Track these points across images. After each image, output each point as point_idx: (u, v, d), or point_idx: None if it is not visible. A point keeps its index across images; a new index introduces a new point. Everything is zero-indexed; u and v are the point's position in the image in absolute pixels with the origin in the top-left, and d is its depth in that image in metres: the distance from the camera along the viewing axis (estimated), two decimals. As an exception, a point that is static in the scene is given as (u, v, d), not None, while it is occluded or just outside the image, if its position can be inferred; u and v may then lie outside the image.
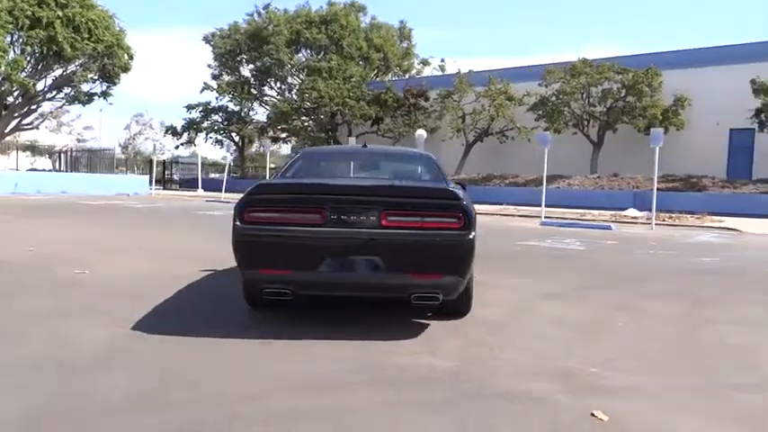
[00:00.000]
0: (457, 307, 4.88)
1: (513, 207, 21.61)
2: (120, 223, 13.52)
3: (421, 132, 24.06)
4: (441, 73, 42.45)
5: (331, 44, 39.71)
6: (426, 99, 34.47)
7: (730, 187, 22.75)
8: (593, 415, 3.07)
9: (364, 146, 5.95)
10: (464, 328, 4.78)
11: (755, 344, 4.59)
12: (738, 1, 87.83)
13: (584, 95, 27.56)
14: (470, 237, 4.23)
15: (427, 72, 44.55)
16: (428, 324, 4.81)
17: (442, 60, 45.94)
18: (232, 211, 4.44)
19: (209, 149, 41.15)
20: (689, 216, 17.94)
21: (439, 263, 4.25)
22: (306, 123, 37.25)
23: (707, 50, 26.84)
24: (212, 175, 44.56)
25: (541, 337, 4.61)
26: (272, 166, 56.07)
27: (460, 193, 4.37)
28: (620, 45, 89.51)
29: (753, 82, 23.46)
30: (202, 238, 10.76)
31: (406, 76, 43.64)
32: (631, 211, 18.81)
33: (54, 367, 3.66)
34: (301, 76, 41.17)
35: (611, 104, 26.91)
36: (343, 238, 4.22)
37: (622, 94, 26.59)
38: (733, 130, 26.31)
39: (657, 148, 14.69)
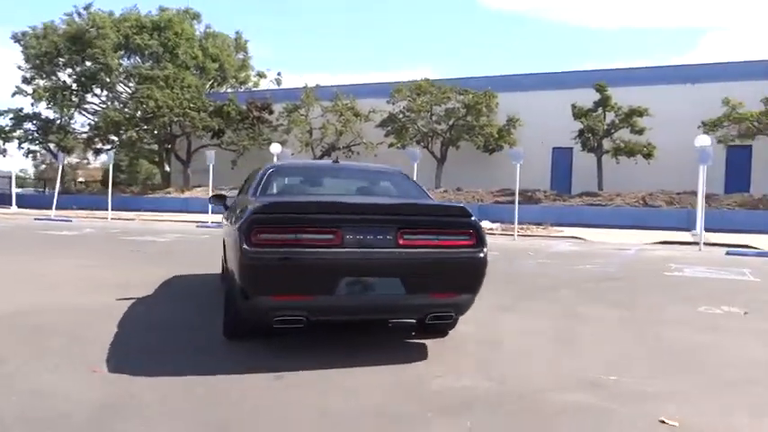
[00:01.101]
0: (445, 326, 4.87)
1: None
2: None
3: (277, 146, 23.61)
4: (277, 86, 42.08)
5: (165, 51, 37.53)
6: (271, 112, 33.95)
7: (560, 200, 25.28)
8: (663, 422, 3.24)
9: (335, 161, 5.72)
10: (458, 345, 4.79)
11: (710, 341, 5.14)
12: (558, 32, 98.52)
13: (429, 114, 28.99)
14: (483, 253, 4.27)
15: (264, 85, 43.87)
16: (423, 344, 4.75)
17: (279, 74, 45.55)
18: (240, 233, 4.01)
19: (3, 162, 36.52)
20: (535, 227, 19.62)
21: (455, 281, 4.23)
22: (141, 134, 34.65)
23: (535, 76, 29.66)
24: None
25: (533, 351, 4.77)
26: (81, 179, 50.95)
27: (471, 210, 4.38)
28: (459, 67, 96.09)
29: (573, 106, 26.34)
30: (77, 262, 9.52)
31: (243, 88, 42.64)
32: (486, 223, 20.09)
33: (51, 425, 3.05)
34: (131, 84, 38.41)
35: (453, 123, 28.59)
36: (363, 259, 4.03)
37: (463, 114, 28.38)
38: (555, 148, 29.24)
39: (519, 165, 15.87)
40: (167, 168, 40.11)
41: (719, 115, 24.24)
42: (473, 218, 4.32)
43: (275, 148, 23.50)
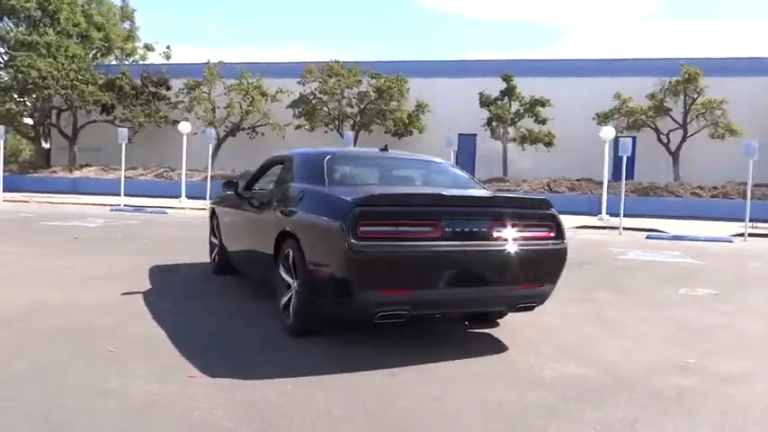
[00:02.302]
0: (500, 316, 4.97)
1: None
2: None
3: (186, 125, 22.44)
4: (166, 60, 39.94)
5: (44, 16, 34.26)
6: (168, 88, 32.05)
7: (470, 185, 26.13)
8: (775, 400, 3.52)
9: (383, 149, 5.56)
10: (518, 333, 4.88)
11: (722, 322, 5.62)
12: (458, 25, 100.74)
13: (341, 96, 28.76)
14: (565, 244, 4.39)
15: (153, 58, 41.36)
16: (488, 333, 4.82)
17: (168, 47, 43.17)
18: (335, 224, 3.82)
19: None
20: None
21: (541, 272, 4.34)
22: (19, 107, 31.40)
23: (445, 63, 30.35)
24: None
25: (591, 336, 4.98)
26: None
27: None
28: (373, 51, 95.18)
29: (481, 95, 27.26)
30: (24, 250, 8.53)
31: (129, 61, 40.03)
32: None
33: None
34: (2, 50, 34.74)
35: (364, 107, 28.57)
36: (462, 252, 4.02)
37: (374, 97, 28.44)
38: (461, 135, 30.12)
39: (453, 151, 16.19)
40: (46, 145, 36.81)
41: (611, 108, 26.16)
42: (553, 209, 4.42)
43: (184, 126, 22.34)
